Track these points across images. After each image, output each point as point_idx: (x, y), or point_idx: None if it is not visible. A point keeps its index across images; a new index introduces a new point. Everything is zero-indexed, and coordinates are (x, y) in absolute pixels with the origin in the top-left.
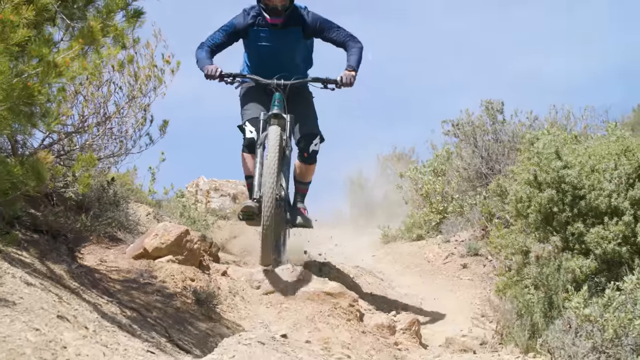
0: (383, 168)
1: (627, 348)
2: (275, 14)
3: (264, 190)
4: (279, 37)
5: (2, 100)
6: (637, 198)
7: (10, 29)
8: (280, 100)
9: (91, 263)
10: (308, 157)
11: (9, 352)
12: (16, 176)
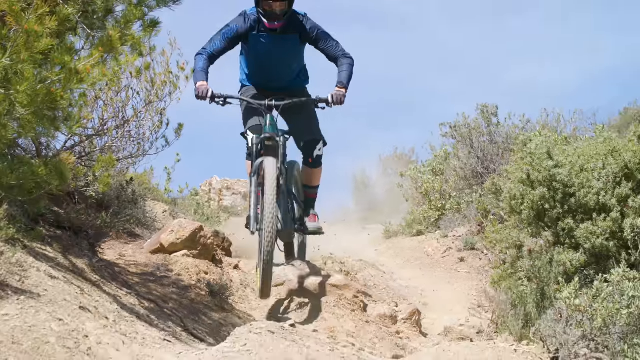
0: (385, 168)
1: (614, 336)
2: (273, 18)
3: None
4: (277, 43)
5: (27, 105)
6: (623, 196)
7: (35, 39)
8: (272, 123)
9: (111, 257)
10: (313, 162)
11: (34, 340)
12: (40, 176)
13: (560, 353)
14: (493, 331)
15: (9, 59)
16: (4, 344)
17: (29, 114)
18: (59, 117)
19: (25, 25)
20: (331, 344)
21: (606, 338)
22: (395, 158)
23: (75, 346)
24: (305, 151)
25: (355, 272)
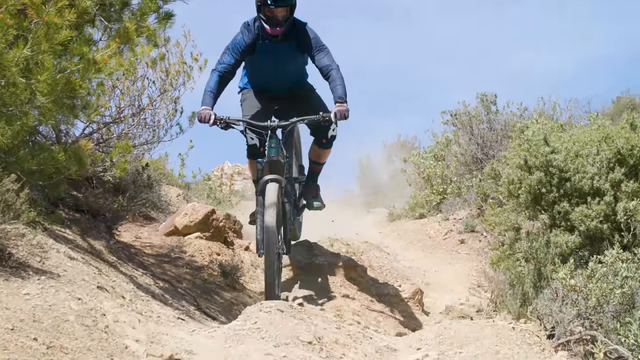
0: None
1: (608, 314)
2: (275, 24)
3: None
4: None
5: (47, 94)
6: (616, 180)
7: (55, 30)
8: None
9: (127, 239)
10: (327, 143)
11: (54, 318)
12: (60, 162)
13: (556, 331)
14: (492, 310)
15: (30, 50)
16: (25, 322)
17: (49, 102)
18: (77, 105)
19: (46, 17)
20: (338, 322)
21: (600, 316)
22: (399, 144)
23: (93, 324)
24: (319, 132)
25: (361, 253)
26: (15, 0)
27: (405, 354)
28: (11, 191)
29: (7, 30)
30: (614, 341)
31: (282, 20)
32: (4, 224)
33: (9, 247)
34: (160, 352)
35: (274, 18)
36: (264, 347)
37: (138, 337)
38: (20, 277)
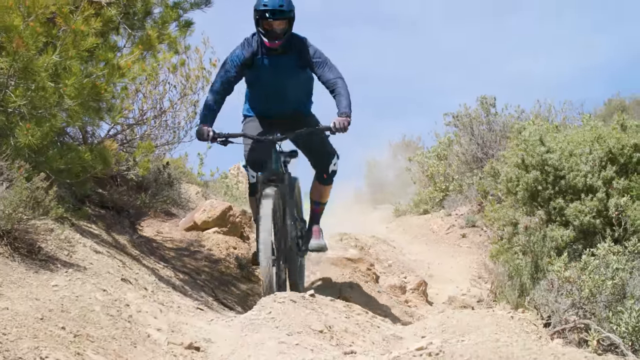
0: (394, 153)
1: (600, 304)
2: (274, 37)
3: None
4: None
5: (74, 97)
6: (608, 178)
7: (81, 38)
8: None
9: (149, 234)
10: (327, 178)
11: (81, 309)
12: (86, 161)
13: (552, 319)
14: (492, 300)
15: (59, 56)
16: (54, 311)
17: (76, 105)
18: (103, 108)
19: (73, 25)
20: (347, 312)
21: (593, 306)
22: (404, 145)
23: (117, 314)
24: (320, 167)
25: (368, 247)
26: (44, 10)
27: (410, 342)
28: (40, 189)
29: (37, 38)
30: (606, 329)
31: (281, 33)
32: (33, 220)
33: (38, 241)
34: (180, 340)
35: (272, 31)
36: (278, 336)
37: (160, 326)
38: (49, 270)
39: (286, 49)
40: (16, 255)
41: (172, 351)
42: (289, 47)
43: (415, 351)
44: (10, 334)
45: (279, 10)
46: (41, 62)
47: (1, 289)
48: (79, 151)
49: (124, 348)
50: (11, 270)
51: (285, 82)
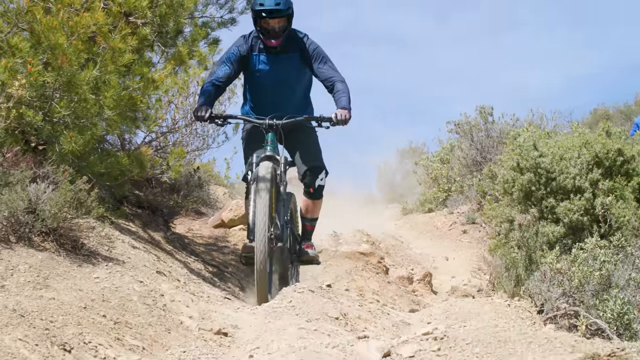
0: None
1: (588, 293)
2: (272, 35)
3: (256, 233)
4: (278, 63)
5: (113, 108)
6: (594, 180)
7: (119, 54)
8: (273, 141)
9: (181, 231)
10: (314, 193)
11: (120, 298)
12: (124, 165)
13: (545, 307)
14: (490, 289)
15: (99, 71)
16: (96, 301)
17: (115, 115)
18: (139, 118)
19: (112, 43)
20: (360, 301)
21: (582, 295)
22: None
23: (153, 303)
24: (307, 180)
25: (379, 242)
26: (85, 29)
27: (417, 327)
28: (83, 191)
29: (79, 55)
30: (594, 315)
31: (280, 31)
32: (77, 219)
33: (81, 238)
34: (210, 326)
35: (271, 30)
36: (298, 322)
37: (191, 314)
38: (91, 264)
39: (287, 47)
40: (61, 251)
41: (203, 336)
42: (290, 45)
43: (422, 336)
44: (57, 322)
45: (276, 9)
46: (83, 77)
47: (48, 281)
48: (117, 157)
49: (159, 334)
50: (57, 264)
51: (285, 81)
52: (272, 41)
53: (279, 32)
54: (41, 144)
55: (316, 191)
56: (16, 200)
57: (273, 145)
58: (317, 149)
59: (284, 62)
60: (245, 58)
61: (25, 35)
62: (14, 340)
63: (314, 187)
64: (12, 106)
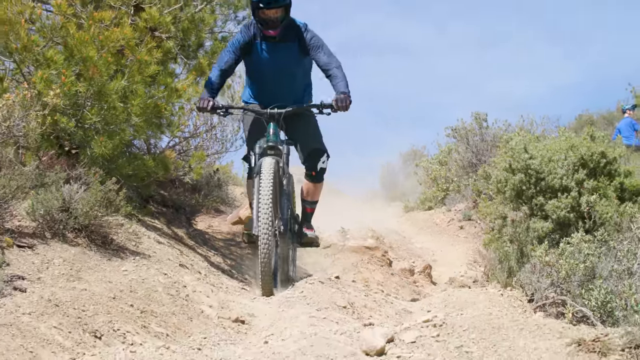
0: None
1: (575, 283)
2: (270, 25)
3: (260, 227)
4: (277, 51)
5: (139, 115)
6: (580, 179)
7: (145, 66)
8: (275, 131)
9: (202, 228)
10: (316, 176)
11: (146, 289)
12: (150, 168)
13: (535, 296)
14: (485, 280)
15: (127, 81)
16: (124, 292)
17: (141, 122)
18: (163, 124)
19: (138, 56)
20: (366, 291)
21: (568, 285)
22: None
23: (176, 293)
24: (308, 163)
25: (383, 237)
26: (114, 43)
27: (418, 315)
28: (112, 191)
29: (109, 66)
30: (579, 304)
31: (278, 21)
32: (106, 216)
33: (110, 234)
34: (228, 315)
35: (268, 20)
36: (309, 311)
37: (211, 303)
38: (120, 258)
39: (286, 36)
40: (92, 246)
41: (222, 324)
42: (288, 34)
43: (422, 323)
44: (88, 311)
45: (274, 0)
46: (112, 86)
47: (80, 273)
48: (144, 159)
49: (182, 322)
50: (88, 258)
51: (284, 69)
52: (270, 31)
53: (277, 22)
54: (74, 148)
55: (318, 174)
56: (51, 200)
57: (275, 135)
58: (317, 133)
59: (283, 51)
60: (248, 45)
61: (60, 48)
62: (49, 327)
63: (316, 170)
64: (47, 113)
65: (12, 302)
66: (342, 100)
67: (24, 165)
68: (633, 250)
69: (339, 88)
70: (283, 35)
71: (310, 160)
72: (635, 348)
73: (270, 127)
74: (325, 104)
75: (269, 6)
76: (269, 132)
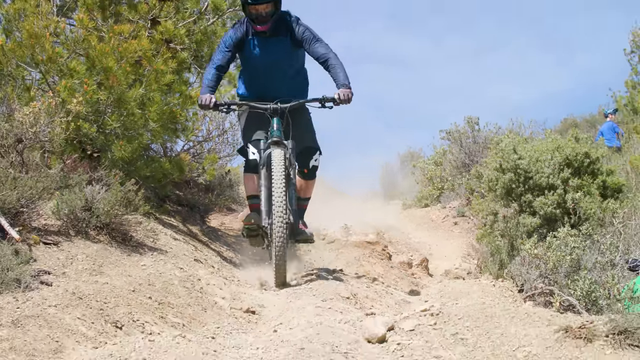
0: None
1: (561, 274)
2: (261, 21)
3: (275, 218)
4: (269, 46)
5: (156, 121)
6: (565, 178)
7: (161, 75)
8: (279, 127)
9: (215, 225)
10: (308, 173)
11: (163, 282)
12: (166, 170)
13: (524, 287)
14: (478, 272)
15: (144, 89)
16: (143, 285)
17: (158, 127)
18: (178, 129)
19: (155, 66)
20: (367, 283)
21: (556, 276)
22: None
23: (191, 286)
24: (301, 160)
25: (383, 233)
26: (133, 54)
27: (416, 305)
28: (131, 191)
29: (128, 76)
30: (566, 293)
31: (267, 16)
32: (126, 215)
33: (130, 231)
34: (240, 306)
35: (258, 15)
36: (315, 301)
37: (224, 295)
38: (139, 253)
39: (277, 30)
40: (113, 242)
41: (234, 314)
42: (280, 28)
43: (420, 312)
44: (109, 303)
45: None
46: (131, 94)
47: (102, 268)
48: (160, 162)
49: (197, 312)
50: (110, 254)
51: (277, 63)
52: (259, 27)
53: (267, 17)
54: (96, 151)
55: (310, 171)
56: (75, 200)
57: (279, 130)
58: (310, 130)
59: (275, 45)
60: (241, 41)
61: (82, 59)
62: (74, 318)
63: (308, 168)
64: (71, 120)
65: (39, 295)
66: (344, 94)
67: (49, 168)
68: (615, 243)
69: (340, 80)
70: (274, 30)
71: (302, 158)
72: (618, 334)
73: (274, 122)
74: (327, 97)
75: (257, 2)
76: (273, 127)
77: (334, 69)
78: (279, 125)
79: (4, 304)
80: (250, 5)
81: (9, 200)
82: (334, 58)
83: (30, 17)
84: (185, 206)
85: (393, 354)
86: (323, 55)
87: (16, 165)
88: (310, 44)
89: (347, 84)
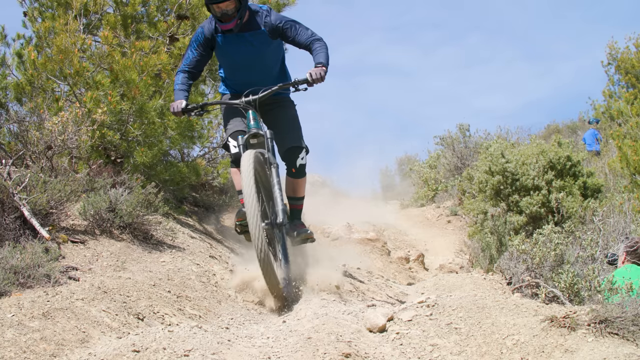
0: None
1: (546, 268)
2: (226, 19)
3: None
4: (242, 41)
5: (175, 128)
6: (549, 180)
7: None
8: (255, 118)
9: (229, 224)
10: (296, 172)
11: (181, 277)
12: (184, 173)
13: (512, 280)
14: (470, 266)
15: (163, 100)
16: (162, 280)
17: (176, 134)
18: (195, 136)
19: (173, 78)
20: (368, 277)
21: (541, 269)
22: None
23: (207, 281)
24: (287, 160)
25: (383, 230)
26: (153, 67)
27: (413, 297)
28: (152, 193)
29: (148, 88)
30: (551, 286)
31: (233, 13)
32: (147, 215)
33: (151, 230)
34: (251, 298)
35: (223, 13)
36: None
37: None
38: (159, 251)
39: (249, 25)
40: (135, 241)
41: (246, 306)
42: (251, 22)
43: (417, 303)
44: (132, 296)
45: None
46: (151, 105)
47: (125, 264)
48: (178, 167)
49: (212, 305)
50: (132, 251)
51: (253, 57)
52: (223, 25)
53: (232, 14)
54: (119, 157)
55: (298, 170)
56: (100, 202)
57: (255, 122)
58: (295, 128)
59: (249, 39)
60: (211, 39)
61: (106, 73)
62: (99, 311)
63: (295, 167)
64: (96, 128)
65: (67, 290)
66: (316, 73)
67: (76, 173)
68: (595, 239)
69: (318, 59)
70: (245, 25)
71: (288, 157)
72: (599, 323)
73: (250, 115)
74: (299, 80)
75: (218, 0)
76: (249, 120)
77: (316, 50)
78: (255, 116)
79: (35, 297)
80: (214, 3)
81: (40, 202)
82: (318, 41)
83: (60, 34)
84: (201, 207)
85: (392, 342)
86: (307, 40)
87: (46, 170)
88: (291, 32)
89: (322, 62)
